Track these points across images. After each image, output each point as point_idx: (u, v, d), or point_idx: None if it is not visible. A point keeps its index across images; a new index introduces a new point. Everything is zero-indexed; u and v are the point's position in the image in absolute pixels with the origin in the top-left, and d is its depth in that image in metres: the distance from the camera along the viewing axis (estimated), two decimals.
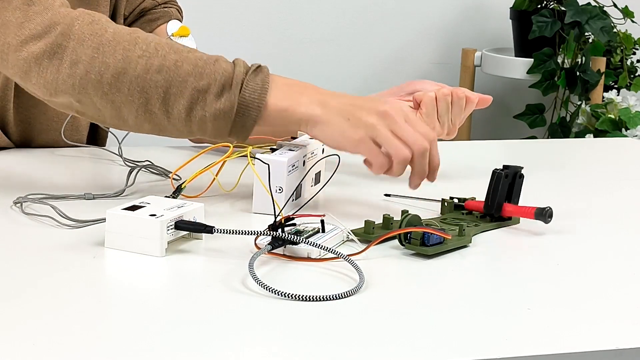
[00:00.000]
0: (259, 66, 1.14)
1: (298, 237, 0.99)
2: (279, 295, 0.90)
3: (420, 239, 1.03)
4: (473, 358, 0.81)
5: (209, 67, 1.12)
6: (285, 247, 1.00)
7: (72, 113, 1.17)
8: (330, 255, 1.00)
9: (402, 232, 1.04)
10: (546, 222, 1.14)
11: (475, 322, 0.89)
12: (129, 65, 1.11)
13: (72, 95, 1.12)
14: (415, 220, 1.06)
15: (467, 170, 1.43)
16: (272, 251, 0.99)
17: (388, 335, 0.85)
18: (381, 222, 1.10)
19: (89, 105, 1.13)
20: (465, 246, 1.07)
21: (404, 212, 1.09)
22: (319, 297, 0.90)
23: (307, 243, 0.99)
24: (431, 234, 1.03)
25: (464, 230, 1.07)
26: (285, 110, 1.13)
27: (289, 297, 0.90)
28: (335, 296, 0.91)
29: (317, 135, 1.14)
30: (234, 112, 1.11)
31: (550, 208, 1.14)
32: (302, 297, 0.90)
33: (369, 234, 1.07)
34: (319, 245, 0.99)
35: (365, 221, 1.08)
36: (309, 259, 1.00)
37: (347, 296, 0.92)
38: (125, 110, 1.12)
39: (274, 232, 0.99)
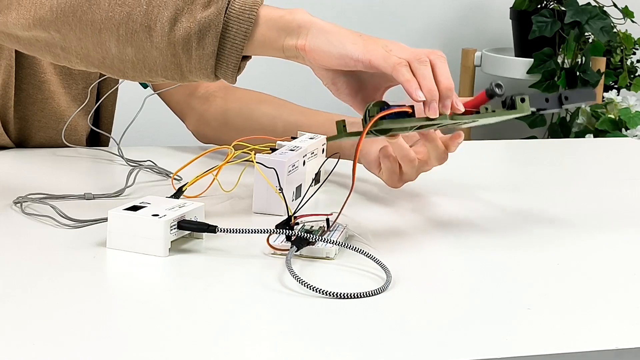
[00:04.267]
0: None
1: (318, 237, 1.00)
2: (320, 293, 0.91)
3: (382, 118, 1.02)
4: (473, 358, 0.81)
5: None
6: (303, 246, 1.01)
7: (56, 56, 1.10)
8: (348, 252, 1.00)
9: (367, 130, 1.02)
10: (499, 94, 1.07)
11: (475, 322, 0.89)
12: None
13: (51, 23, 1.06)
14: (376, 105, 1.04)
15: (467, 170, 1.43)
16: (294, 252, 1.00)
17: (385, 335, 0.85)
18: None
19: (69, 35, 1.06)
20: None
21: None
22: (352, 295, 0.91)
23: (328, 242, 1.00)
24: (389, 114, 1.01)
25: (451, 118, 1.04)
26: (282, 17, 1.04)
27: (333, 296, 0.90)
28: (361, 294, 0.91)
29: (317, 45, 1.04)
30: (220, 22, 1.03)
31: (494, 83, 1.07)
32: (338, 294, 0.91)
33: (341, 134, 1.06)
34: (341, 243, 1.00)
35: (336, 121, 1.07)
36: (327, 257, 1.01)
37: (376, 294, 0.92)
38: (105, 32, 1.05)
39: (292, 232, 1.00)
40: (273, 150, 1.18)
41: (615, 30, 2.82)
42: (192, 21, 1.03)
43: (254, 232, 1.01)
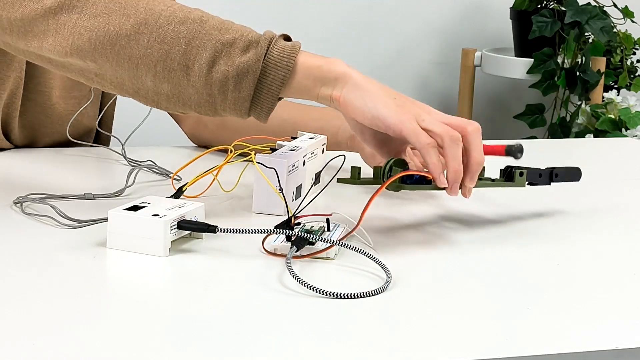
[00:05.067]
0: (290, 37, 1.09)
1: (318, 237, 1.00)
2: (320, 293, 0.91)
3: (401, 179, 1.03)
4: (473, 358, 0.81)
5: (236, 25, 1.07)
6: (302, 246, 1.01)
7: (89, 79, 1.11)
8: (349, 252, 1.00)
9: (388, 184, 1.03)
10: (517, 157, 1.14)
11: (475, 322, 0.89)
12: (150, 16, 1.06)
13: (88, 54, 1.07)
14: (397, 163, 1.06)
15: None
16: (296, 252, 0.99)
17: (385, 335, 0.85)
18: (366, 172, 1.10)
19: (105, 65, 1.07)
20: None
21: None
22: (352, 295, 0.91)
23: (327, 242, 1.00)
24: (412, 175, 1.03)
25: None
26: (319, 67, 1.06)
27: (333, 296, 0.90)
28: (361, 294, 0.91)
29: (352, 100, 1.05)
30: (259, 68, 1.04)
31: (520, 145, 1.15)
32: (338, 294, 0.91)
33: (355, 179, 1.07)
34: (342, 243, 1.00)
35: (351, 167, 1.08)
36: (327, 257, 1.01)
37: (376, 294, 0.92)
38: (142, 67, 1.06)
39: (291, 232, 1.00)
40: (273, 150, 1.18)
41: (615, 30, 2.82)
42: (230, 64, 1.04)
43: (254, 232, 1.01)
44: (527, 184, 1.16)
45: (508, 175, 1.15)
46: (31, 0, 1.08)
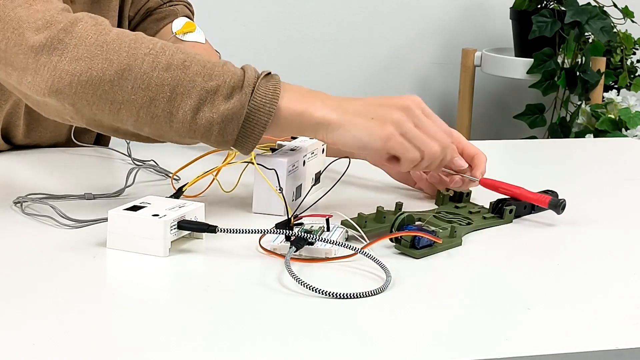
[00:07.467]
0: (270, 73, 1.10)
1: (317, 237, 1.00)
2: (320, 293, 0.91)
3: (411, 241, 1.03)
4: (473, 358, 0.81)
5: (218, 68, 1.08)
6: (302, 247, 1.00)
7: (64, 119, 1.11)
8: (347, 253, 1.01)
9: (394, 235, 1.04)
10: (558, 213, 1.18)
11: (475, 322, 0.89)
12: (134, 61, 1.06)
13: (67, 97, 1.06)
14: (408, 220, 1.06)
15: None
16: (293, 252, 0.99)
17: (385, 335, 0.85)
18: (374, 213, 1.10)
19: (84, 109, 1.07)
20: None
21: (398, 204, 1.10)
22: (352, 295, 0.91)
23: (327, 242, 1.00)
24: (422, 237, 1.03)
25: (455, 231, 1.07)
26: (301, 115, 1.08)
27: (333, 296, 0.90)
28: (361, 294, 0.91)
29: (337, 140, 1.09)
30: (243, 115, 1.07)
31: (564, 201, 1.18)
32: (338, 294, 0.91)
33: (361, 227, 1.07)
34: (340, 243, 1.00)
35: (358, 214, 1.08)
36: (326, 258, 1.01)
37: (376, 294, 0.92)
38: (125, 112, 1.06)
39: (291, 232, 1.00)
40: (273, 150, 1.18)
41: (615, 30, 2.82)
42: (214, 112, 1.06)
43: (254, 232, 1.01)
44: (515, 217, 1.18)
45: (498, 211, 1.17)
46: (14, 32, 1.09)
